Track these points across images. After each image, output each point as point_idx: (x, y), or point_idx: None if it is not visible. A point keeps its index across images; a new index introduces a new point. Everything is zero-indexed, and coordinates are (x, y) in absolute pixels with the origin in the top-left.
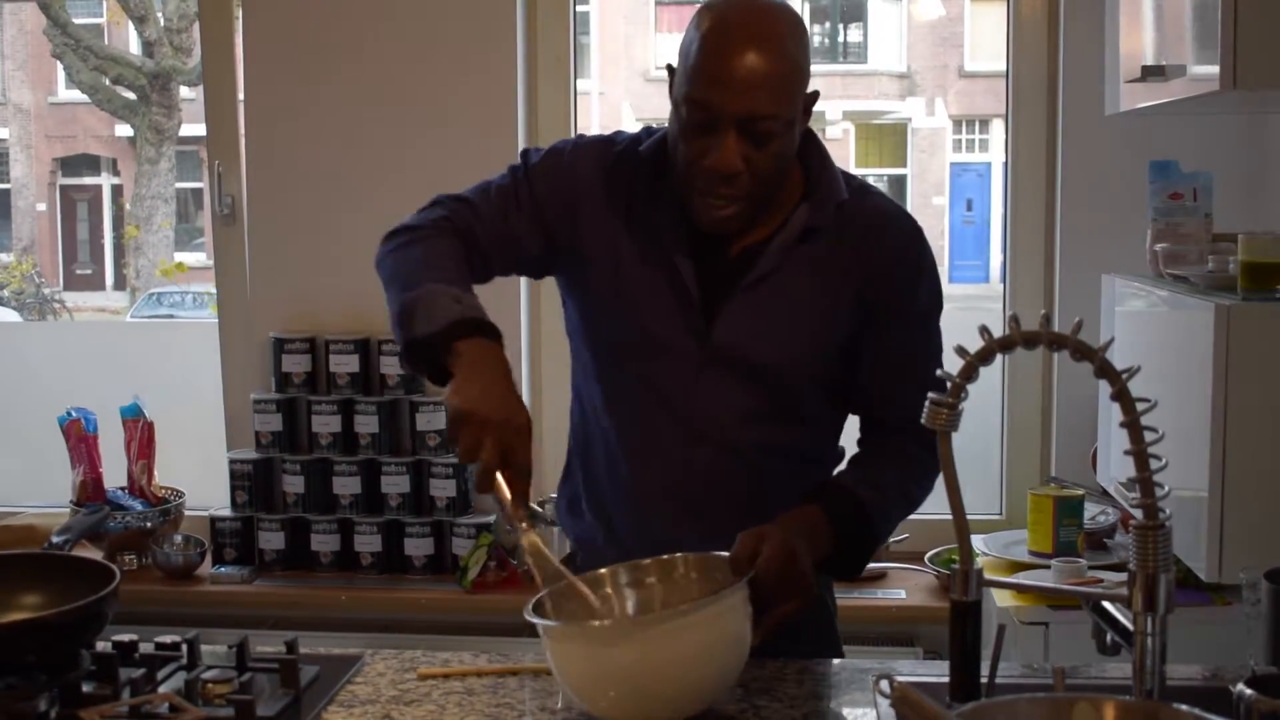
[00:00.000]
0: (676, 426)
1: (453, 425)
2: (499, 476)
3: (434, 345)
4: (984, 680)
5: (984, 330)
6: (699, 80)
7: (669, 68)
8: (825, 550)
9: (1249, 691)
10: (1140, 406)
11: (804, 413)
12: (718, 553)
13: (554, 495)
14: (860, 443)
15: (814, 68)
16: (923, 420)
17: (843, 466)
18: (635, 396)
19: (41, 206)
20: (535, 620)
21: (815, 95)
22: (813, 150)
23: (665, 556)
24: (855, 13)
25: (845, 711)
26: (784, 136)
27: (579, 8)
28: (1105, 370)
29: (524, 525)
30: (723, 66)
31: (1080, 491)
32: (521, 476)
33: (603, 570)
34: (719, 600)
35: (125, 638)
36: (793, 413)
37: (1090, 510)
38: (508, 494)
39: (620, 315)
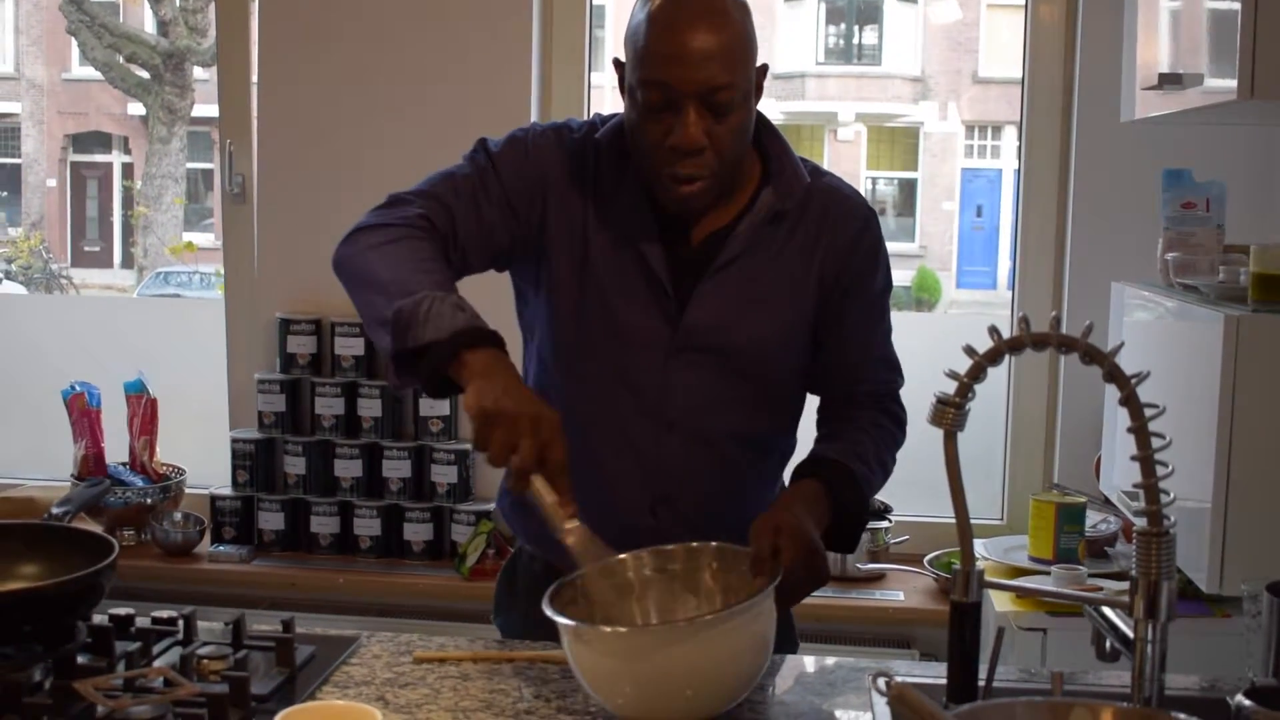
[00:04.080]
0: (646, 415)
1: (483, 426)
2: (536, 477)
3: (438, 354)
4: (981, 683)
5: (993, 331)
6: (653, 61)
7: (616, 62)
8: (824, 525)
9: (1248, 702)
10: (1148, 412)
11: (772, 398)
12: (740, 547)
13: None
14: (826, 419)
15: (828, 69)
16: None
17: (819, 440)
18: (604, 386)
19: (51, 182)
20: (554, 617)
21: (765, 69)
22: (771, 136)
23: (694, 544)
24: (871, 15)
25: (841, 711)
26: (742, 109)
27: (595, 1)
28: (1115, 374)
29: (572, 524)
30: (675, 44)
31: (1083, 499)
32: (560, 473)
33: (624, 555)
34: (746, 610)
35: (122, 611)
36: (762, 398)
37: (1092, 518)
38: (549, 495)
39: (590, 303)
